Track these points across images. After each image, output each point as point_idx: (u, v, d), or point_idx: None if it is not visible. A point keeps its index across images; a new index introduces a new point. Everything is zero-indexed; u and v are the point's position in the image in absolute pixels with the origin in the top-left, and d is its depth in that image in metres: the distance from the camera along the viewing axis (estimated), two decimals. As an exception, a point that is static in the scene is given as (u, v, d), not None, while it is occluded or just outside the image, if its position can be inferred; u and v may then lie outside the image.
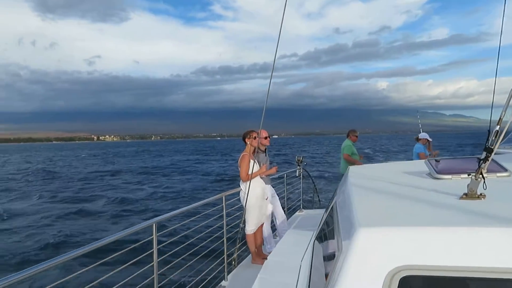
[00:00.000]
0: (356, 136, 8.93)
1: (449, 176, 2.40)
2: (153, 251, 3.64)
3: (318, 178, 22.19)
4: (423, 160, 2.98)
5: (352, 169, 3.45)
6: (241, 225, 5.30)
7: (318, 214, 5.15)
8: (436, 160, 2.86)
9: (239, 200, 5.66)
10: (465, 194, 1.78)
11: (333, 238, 2.02)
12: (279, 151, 66.27)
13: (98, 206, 16.90)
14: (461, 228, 1.39)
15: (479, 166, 1.73)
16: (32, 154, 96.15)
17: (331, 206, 2.78)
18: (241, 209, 5.43)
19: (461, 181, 2.20)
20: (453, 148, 55.89)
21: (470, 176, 1.77)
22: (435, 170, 2.56)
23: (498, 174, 2.34)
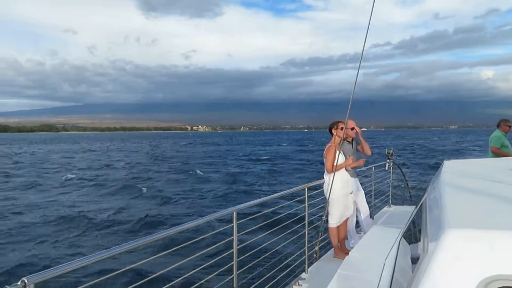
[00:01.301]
0: (509, 126, 7.70)
1: None
2: (233, 238, 3.69)
3: (409, 173, 21.07)
4: None
5: (447, 164, 3.26)
6: (323, 217, 5.18)
7: (407, 211, 4.87)
8: None
9: (322, 192, 5.52)
10: None
11: (421, 238, 1.88)
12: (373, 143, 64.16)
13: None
14: None
15: None
16: (143, 142, 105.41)
17: (421, 203, 2.65)
18: (325, 201, 5.29)
19: None
20: None
21: None
22: None
23: None
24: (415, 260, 1.80)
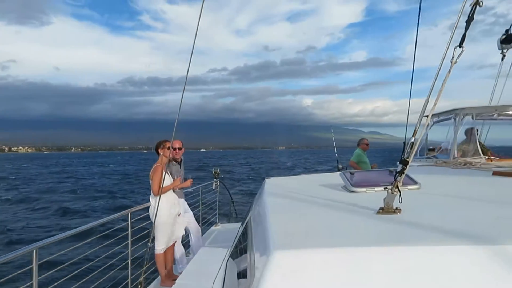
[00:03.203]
0: (367, 144, 8.64)
1: (364, 189, 2.38)
2: (32, 283, 3.03)
3: (235, 193, 21.49)
4: (339, 173, 2.96)
5: (268, 181, 3.36)
6: (149, 244, 4.82)
7: (234, 228, 4.91)
8: (350, 173, 2.83)
9: (148, 217, 5.16)
10: (382, 208, 1.72)
11: (247, 258, 1.86)
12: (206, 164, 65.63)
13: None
14: (380, 248, 1.28)
15: (395, 179, 1.70)
16: None
17: (246, 222, 2.64)
18: (150, 226, 4.94)
19: (376, 194, 2.24)
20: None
21: (386, 189, 1.72)
22: (350, 183, 2.53)
23: (409, 187, 2.35)
24: (242, 282, 1.79)
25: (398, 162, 1.81)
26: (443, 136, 5.61)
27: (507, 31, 4.94)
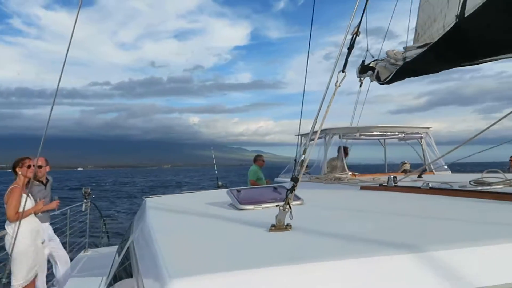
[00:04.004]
0: (263, 161, 8.60)
1: (252, 207, 2.38)
2: None
3: (109, 214, 19.58)
4: (225, 190, 2.88)
5: (149, 201, 3.16)
6: (3, 280, 4.10)
7: (107, 253, 4.49)
8: (237, 190, 2.75)
9: (3, 247, 4.40)
10: (273, 225, 1.71)
11: None
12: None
13: None
14: (283, 266, 1.21)
15: (287, 196, 1.70)
16: None
17: (127, 246, 2.41)
18: (5, 259, 4.21)
19: (264, 211, 2.26)
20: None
21: (278, 206, 1.71)
22: (237, 200, 2.50)
23: (294, 203, 2.32)
24: None
25: (290, 179, 1.82)
26: (316, 154, 6.11)
27: (363, 61, 5.53)
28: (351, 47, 2.26)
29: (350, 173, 5.63)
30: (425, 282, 1.19)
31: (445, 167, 6.17)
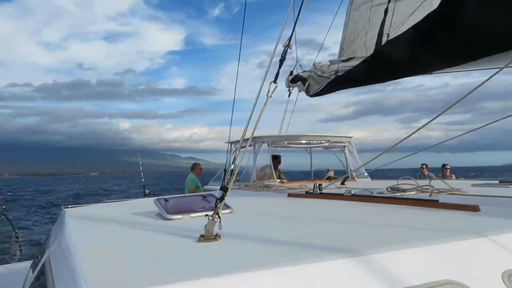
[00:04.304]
0: (201, 169, 8.55)
1: (180, 216, 2.34)
2: None
3: (24, 227, 18.11)
4: (152, 199, 2.82)
5: (69, 212, 3.02)
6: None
7: (19, 269, 4.19)
8: (165, 199, 2.70)
9: None
10: (202, 236, 1.69)
11: None
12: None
13: None
14: (215, 278, 1.18)
15: (216, 206, 1.70)
16: None
17: (42, 261, 2.27)
18: None
19: (192, 221, 2.24)
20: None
21: (208, 216, 1.70)
22: (165, 210, 2.44)
23: (223, 212, 2.35)
24: None
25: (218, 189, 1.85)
26: (245, 162, 6.19)
27: (291, 72, 5.73)
28: (282, 59, 2.31)
29: (278, 180, 5.83)
30: (357, 286, 1.24)
31: (366, 174, 6.53)
